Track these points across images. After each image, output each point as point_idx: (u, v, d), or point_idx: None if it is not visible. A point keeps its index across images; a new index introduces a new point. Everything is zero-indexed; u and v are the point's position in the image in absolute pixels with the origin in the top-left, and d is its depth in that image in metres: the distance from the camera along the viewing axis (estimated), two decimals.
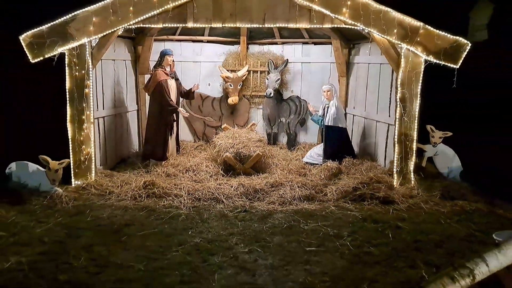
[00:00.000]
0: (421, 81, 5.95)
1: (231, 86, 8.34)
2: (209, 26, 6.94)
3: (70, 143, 6.15)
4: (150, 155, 7.20)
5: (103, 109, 7.06)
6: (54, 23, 5.87)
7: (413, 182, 6.11)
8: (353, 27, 5.99)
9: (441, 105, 7.09)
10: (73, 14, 5.87)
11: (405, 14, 5.83)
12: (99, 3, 5.89)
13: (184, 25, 6.17)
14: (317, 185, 6.15)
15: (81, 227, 4.87)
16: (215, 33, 8.73)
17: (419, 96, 5.98)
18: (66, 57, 6.02)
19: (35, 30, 5.85)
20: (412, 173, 6.14)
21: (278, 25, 6.21)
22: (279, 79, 8.30)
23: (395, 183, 6.08)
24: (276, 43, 8.88)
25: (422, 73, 5.93)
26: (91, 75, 6.15)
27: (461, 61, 5.73)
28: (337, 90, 7.73)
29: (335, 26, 6.13)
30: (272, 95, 8.16)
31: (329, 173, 6.58)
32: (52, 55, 5.92)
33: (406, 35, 5.77)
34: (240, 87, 8.47)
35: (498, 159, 6.66)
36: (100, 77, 6.92)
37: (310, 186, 6.11)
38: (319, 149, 7.44)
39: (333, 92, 7.17)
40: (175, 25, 6.37)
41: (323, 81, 8.43)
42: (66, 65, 6.04)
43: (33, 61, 5.92)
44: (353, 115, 8.16)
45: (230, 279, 3.78)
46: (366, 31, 5.99)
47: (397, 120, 6.09)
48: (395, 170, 6.14)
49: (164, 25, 6.19)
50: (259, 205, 5.60)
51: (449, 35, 5.72)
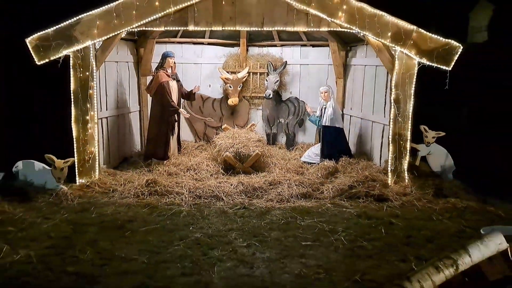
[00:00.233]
0: (414, 83, 6.13)
1: (231, 87, 8.49)
2: (210, 29, 7.11)
3: (74, 142, 6.31)
4: (152, 154, 7.37)
5: (107, 110, 7.23)
6: (59, 26, 6.02)
7: (407, 180, 6.28)
8: (348, 30, 6.17)
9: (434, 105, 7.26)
10: (77, 17, 6.03)
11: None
12: (103, 7, 6.05)
13: (185, 28, 6.34)
14: (314, 184, 6.33)
15: (86, 223, 5.06)
16: (216, 36, 8.87)
17: (412, 97, 6.16)
18: (71, 59, 6.18)
19: (41, 33, 6.00)
20: (406, 172, 6.31)
21: (276, 29, 6.38)
22: (278, 81, 8.46)
23: (389, 182, 6.26)
24: (275, 46, 9.04)
25: (415, 75, 6.10)
26: (95, 77, 6.32)
27: (453, 63, 5.90)
28: (334, 91, 7.90)
29: (332, 29, 6.31)
30: (271, 96, 8.32)
31: (326, 172, 6.75)
32: (57, 57, 6.08)
33: (399, 38, 5.94)
34: (240, 89, 8.61)
35: (490, 158, 6.84)
36: (103, 79, 7.09)
37: (307, 184, 6.29)
38: (316, 148, 7.61)
39: (330, 93, 7.34)
40: (177, 28, 6.54)
41: (321, 82, 8.59)
42: (70, 67, 6.20)
43: (39, 63, 6.08)
44: (350, 116, 8.33)
45: (229, 271, 3.97)
46: (361, 34, 6.16)
47: (391, 120, 6.27)
48: (389, 169, 6.31)
49: (166, 28, 6.37)
50: (257, 203, 5.77)
51: (441, 38, 5.89)
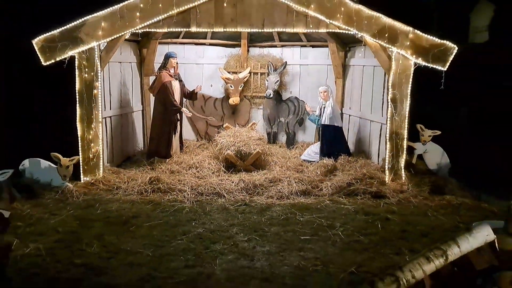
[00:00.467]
0: (411, 83, 6.28)
1: (231, 87, 8.63)
2: (211, 30, 7.23)
3: (79, 141, 6.48)
4: (155, 153, 7.51)
5: (110, 109, 7.38)
6: (65, 28, 6.18)
7: (403, 178, 6.44)
8: (346, 32, 6.32)
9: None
10: (83, 19, 6.19)
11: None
12: (108, 9, 6.21)
13: (187, 30, 6.49)
14: (313, 181, 6.48)
15: (92, 219, 5.23)
16: (217, 37, 9.01)
17: (409, 96, 6.31)
18: (76, 60, 6.35)
19: (47, 34, 6.16)
20: (403, 170, 6.47)
21: (276, 30, 6.53)
22: (278, 81, 8.60)
23: (386, 179, 6.41)
24: (275, 46, 9.18)
25: (411, 75, 6.25)
26: (99, 77, 6.48)
27: (448, 64, 6.04)
28: (333, 91, 8.04)
29: (330, 30, 6.46)
30: (271, 96, 8.46)
31: (325, 170, 6.90)
32: (63, 58, 6.24)
33: (396, 39, 6.10)
34: (241, 88, 8.74)
35: (487, 157, 6.99)
36: (107, 79, 7.24)
37: (306, 181, 6.44)
38: (316, 147, 7.76)
39: (329, 93, 7.49)
40: (179, 29, 6.68)
41: (321, 82, 8.73)
42: (76, 68, 6.37)
43: (45, 64, 6.24)
44: (349, 115, 8.48)
45: (230, 263, 4.13)
46: (359, 35, 6.31)
47: (388, 119, 6.42)
48: (386, 166, 6.46)
49: (168, 30, 6.52)
50: (258, 199, 5.93)
51: (436, 39, 6.03)
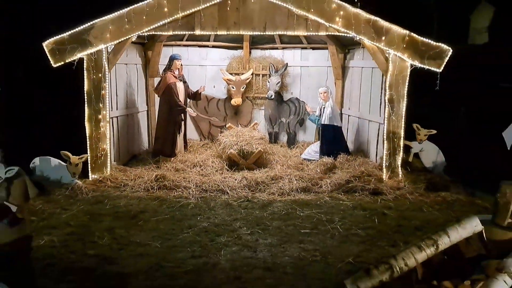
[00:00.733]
0: (407, 84, 6.51)
1: (233, 88, 8.86)
2: (215, 33, 7.45)
3: (87, 140, 6.72)
4: (160, 152, 7.74)
5: (117, 109, 7.61)
6: (74, 31, 6.43)
7: (400, 175, 6.67)
8: (345, 35, 6.56)
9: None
10: (91, 22, 6.44)
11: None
12: (116, 13, 6.46)
13: (192, 32, 6.73)
14: (313, 179, 6.71)
15: (102, 214, 5.47)
16: (220, 39, 9.22)
17: (405, 97, 6.54)
18: (84, 62, 6.58)
19: (57, 37, 6.41)
20: (399, 168, 6.69)
21: (277, 33, 6.76)
22: (279, 82, 8.83)
23: (384, 177, 6.64)
24: (277, 48, 9.41)
25: (408, 76, 6.48)
26: (107, 78, 6.72)
27: (443, 65, 6.28)
28: (333, 92, 8.28)
29: (330, 33, 6.70)
30: (273, 97, 8.68)
31: (325, 168, 7.12)
32: (72, 60, 6.49)
33: (393, 42, 6.33)
34: (243, 89, 8.95)
35: (483, 156, 7.22)
36: (114, 80, 7.46)
37: (307, 179, 6.67)
38: (316, 146, 7.99)
39: (329, 94, 7.71)
40: (184, 32, 6.91)
41: (321, 83, 8.94)
42: (84, 69, 6.60)
43: (55, 66, 6.49)
44: (348, 115, 8.71)
45: (234, 254, 4.38)
46: (357, 38, 6.54)
47: (386, 119, 6.65)
48: (384, 164, 6.69)
49: (174, 32, 6.76)
50: (260, 196, 6.16)
51: (432, 42, 6.26)
